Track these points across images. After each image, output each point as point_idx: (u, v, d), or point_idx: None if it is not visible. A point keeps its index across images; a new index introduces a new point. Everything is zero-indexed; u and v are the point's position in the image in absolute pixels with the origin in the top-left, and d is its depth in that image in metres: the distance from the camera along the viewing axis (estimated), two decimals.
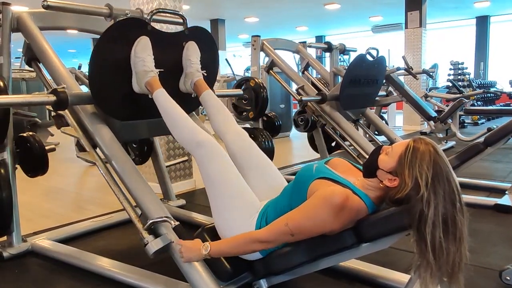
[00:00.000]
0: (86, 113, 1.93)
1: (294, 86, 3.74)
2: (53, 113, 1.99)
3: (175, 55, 2.02)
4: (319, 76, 4.22)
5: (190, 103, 2.12)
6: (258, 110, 3.11)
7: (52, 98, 1.79)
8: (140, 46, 1.85)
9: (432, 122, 5.12)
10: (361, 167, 1.51)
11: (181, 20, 2.15)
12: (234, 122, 1.92)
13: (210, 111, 1.95)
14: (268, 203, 1.61)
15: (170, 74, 1.94)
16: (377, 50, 3.52)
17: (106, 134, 1.90)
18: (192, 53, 2.02)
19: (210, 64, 2.14)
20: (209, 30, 11.93)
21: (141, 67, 1.84)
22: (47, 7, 1.87)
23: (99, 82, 1.85)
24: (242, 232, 1.51)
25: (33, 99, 1.84)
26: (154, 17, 2.03)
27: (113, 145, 1.88)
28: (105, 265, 2.01)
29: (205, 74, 2.03)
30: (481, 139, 2.94)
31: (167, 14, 2.28)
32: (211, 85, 2.13)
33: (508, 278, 1.76)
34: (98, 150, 1.93)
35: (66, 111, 1.95)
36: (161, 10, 2.08)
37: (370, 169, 1.40)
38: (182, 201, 3.18)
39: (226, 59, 9.20)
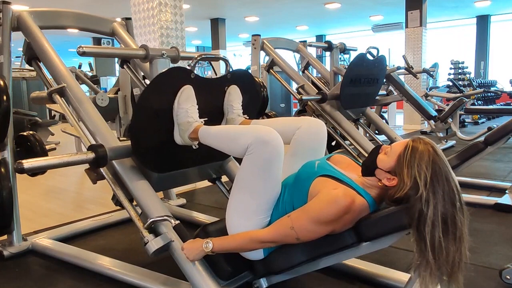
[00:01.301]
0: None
1: (294, 85, 3.75)
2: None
3: (217, 101, 1.95)
4: (320, 75, 4.23)
5: None
6: (259, 110, 3.10)
7: (91, 155, 1.72)
8: (183, 97, 1.74)
9: (432, 122, 5.12)
10: None
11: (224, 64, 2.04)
12: (301, 117, 1.82)
13: (270, 126, 1.71)
14: None
15: (211, 119, 1.83)
16: (378, 50, 3.52)
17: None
18: (234, 98, 1.94)
19: (251, 106, 2.09)
20: (210, 30, 11.92)
21: (184, 118, 1.73)
22: (82, 53, 1.79)
23: (141, 136, 1.74)
24: (250, 229, 1.50)
25: (72, 159, 1.73)
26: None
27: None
28: (106, 264, 2.01)
29: (247, 117, 1.95)
30: (481, 139, 2.94)
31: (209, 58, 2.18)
32: None
33: (508, 277, 1.75)
34: None
35: None
36: (204, 55, 2.01)
37: (368, 168, 1.40)
38: (182, 200, 3.18)
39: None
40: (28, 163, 1.61)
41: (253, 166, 1.48)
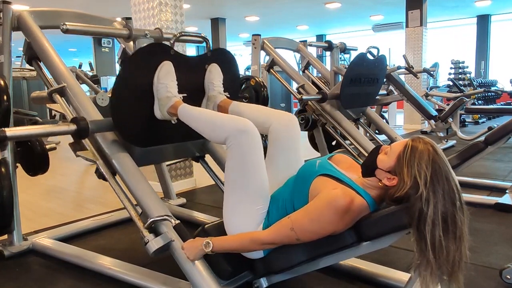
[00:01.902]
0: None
1: (294, 85, 3.74)
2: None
3: (198, 78, 1.98)
4: (320, 75, 4.22)
5: None
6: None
7: (73, 127, 1.76)
8: (163, 72, 1.80)
9: (432, 121, 5.12)
10: None
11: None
12: (276, 110, 1.85)
13: (247, 115, 1.77)
14: (271, 196, 1.60)
15: (192, 97, 1.88)
16: (378, 49, 3.52)
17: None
18: (214, 75, 1.97)
19: (231, 85, 2.11)
20: (210, 29, 11.92)
21: (164, 93, 1.78)
22: (66, 31, 1.82)
23: (121, 109, 1.79)
24: (250, 228, 1.51)
25: (53, 129, 1.80)
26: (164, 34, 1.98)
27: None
28: (106, 263, 2.01)
29: (228, 96, 1.98)
30: (482, 138, 2.94)
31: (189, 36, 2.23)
32: None
33: (509, 277, 1.75)
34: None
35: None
36: (184, 33, 2.04)
37: (368, 168, 1.40)
38: (182, 200, 3.18)
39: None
40: (11, 131, 1.65)
41: (235, 158, 1.54)
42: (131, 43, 2.13)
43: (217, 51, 2.05)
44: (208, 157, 2.40)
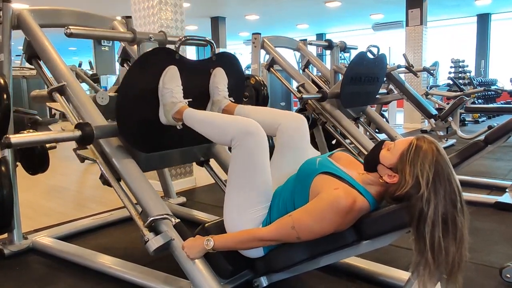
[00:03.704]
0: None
1: (294, 84, 3.74)
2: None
3: (203, 82, 1.96)
4: (320, 74, 4.22)
5: None
6: (257, 101, 3.10)
7: (77, 133, 1.74)
8: (168, 77, 1.77)
9: (432, 120, 5.12)
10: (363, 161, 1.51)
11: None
12: (285, 111, 1.84)
13: (253, 117, 1.70)
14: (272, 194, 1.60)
15: (197, 101, 1.85)
16: (378, 48, 3.52)
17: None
18: (219, 80, 1.96)
19: (236, 89, 2.10)
20: (210, 28, 11.90)
21: (169, 98, 1.76)
22: (70, 34, 1.80)
23: (126, 115, 1.77)
24: (249, 227, 1.51)
25: (58, 135, 1.78)
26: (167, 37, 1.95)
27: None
28: (106, 262, 2.01)
29: (232, 101, 1.96)
30: (482, 137, 2.94)
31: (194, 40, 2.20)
32: None
33: (509, 276, 1.75)
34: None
35: None
36: (189, 37, 2.01)
37: (371, 163, 1.40)
38: (182, 199, 3.18)
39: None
40: (15, 138, 1.64)
41: (240, 159, 1.53)
42: (137, 48, 2.10)
43: (222, 55, 2.03)
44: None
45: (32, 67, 2.34)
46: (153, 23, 3.45)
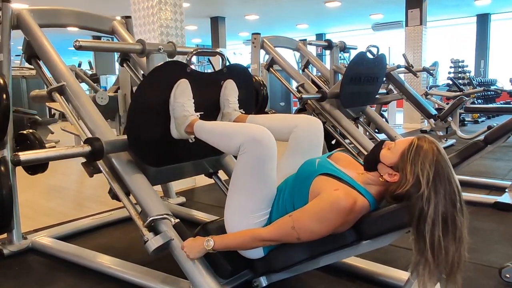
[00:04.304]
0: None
1: (294, 84, 3.74)
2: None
3: (213, 95, 1.95)
4: (319, 74, 4.22)
5: None
6: (258, 108, 3.10)
7: (87, 148, 1.73)
8: (179, 90, 1.75)
9: (432, 120, 5.13)
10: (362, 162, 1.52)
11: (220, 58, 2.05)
12: (299, 114, 1.84)
13: (267, 124, 1.65)
14: None
15: (208, 114, 1.84)
16: (378, 48, 3.52)
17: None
18: (230, 92, 1.95)
19: (246, 100, 2.08)
20: (209, 28, 11.90)
21: (180, 112, 1.74)
22: (79, 47, 1.78)
23: (137, 130, 1.75)
24: (249, 227, 1.51)
25: (68, 151, 1.75)
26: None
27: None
28: (106, 262, 2.01)
29: (243, 112, 1.95)
30: (481, 137, 2.94)
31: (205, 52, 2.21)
32: None
33: (508, 276, 1.76)
34: None
35: None
36: (200, 50, 2.01)
37: (371, 162, 1.40)
38: (182, 199, 3.18)
39: (226, 57, 9.17)
40: (24, 155, 1.63)
41: (246, 165, 1.50)
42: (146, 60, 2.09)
43: (233, 67, 2.02)
44: None
45: (32, 67, 2.34)
46: (153, 23, 3.45)
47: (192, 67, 1.84)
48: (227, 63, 1.99)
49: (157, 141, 1.81)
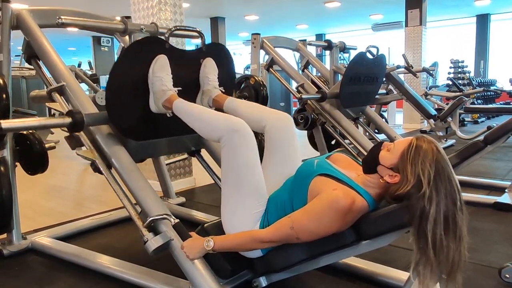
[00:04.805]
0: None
1: (294, 84, 3.74)
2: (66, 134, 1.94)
3: (193, 73, 1.98)
4: (319, 74, 4.22)
5: None
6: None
7: (68, 120, 1.76)
8: (158, 65, 1.80)
9: (432, 120, 5.13)
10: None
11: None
12: (272, 109, 1.86)
13: (241, 112, 1.80)
14: (269, 197, 1.61)
15: (187, 91, 1.88)
16: (377, 48, 3.52)
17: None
18: (209, 70, 1.98)
19: (227, 79, 2.11)
20: (209, 28, 11.88)
21: (159, 86, 1.79)
22: (61, 24, 1.83)
23: (116, 103, 1.79)
24: (247, 227, 1.52)
25: (48, 121, 1.82)
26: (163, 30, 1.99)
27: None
28: (105, 262, 2.01)
29: (223, 91, 1.98)
30: (481, 138, 2.94)
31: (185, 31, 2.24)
32: None
33: (508, 276, 1.76)
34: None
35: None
36: (179, 27, 2.05)
37: (370, 164, 1.40)
38: (182, 199, 3.18)
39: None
40: (6, 123, 1.65)
41: (229, 157, 1.57)
42: (129, 39, 2.13)
43: (213, 45, 2.06)
44: (205, 153, 2.40)
45: (32, 67, 2.34)
46: None
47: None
48: (206, 42, 2.02)
49: (137, 115, 1.85)
